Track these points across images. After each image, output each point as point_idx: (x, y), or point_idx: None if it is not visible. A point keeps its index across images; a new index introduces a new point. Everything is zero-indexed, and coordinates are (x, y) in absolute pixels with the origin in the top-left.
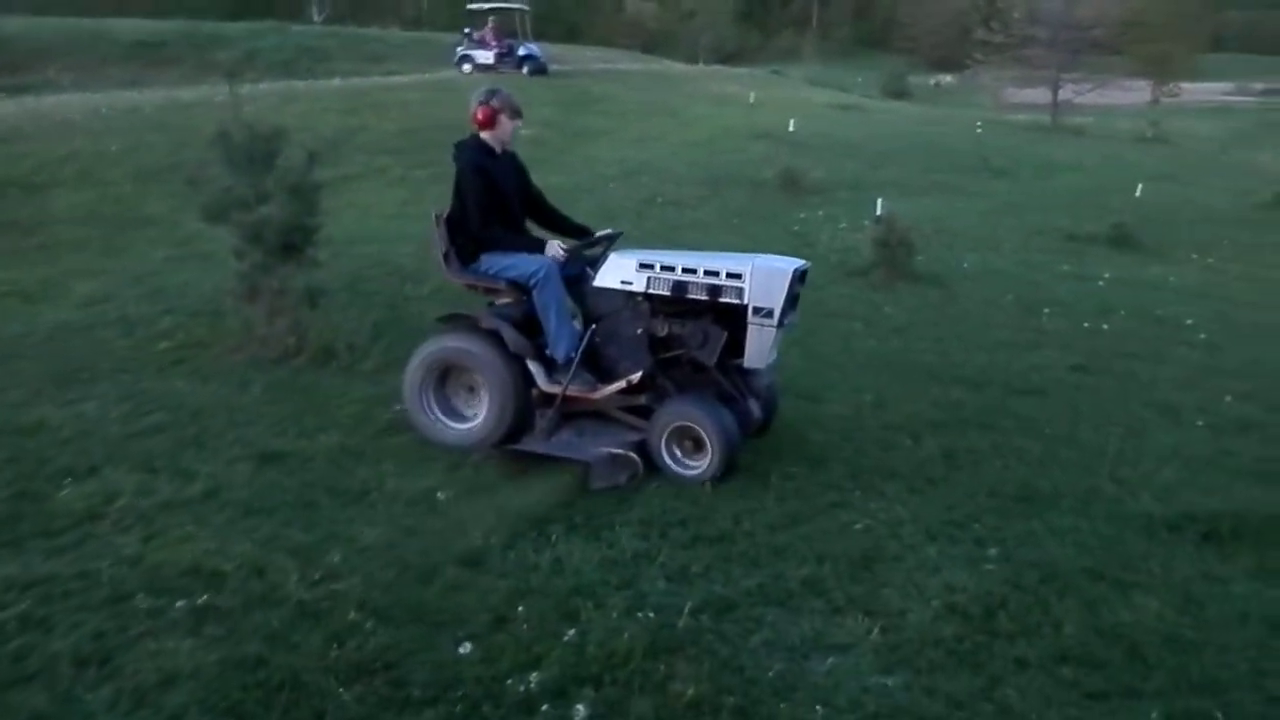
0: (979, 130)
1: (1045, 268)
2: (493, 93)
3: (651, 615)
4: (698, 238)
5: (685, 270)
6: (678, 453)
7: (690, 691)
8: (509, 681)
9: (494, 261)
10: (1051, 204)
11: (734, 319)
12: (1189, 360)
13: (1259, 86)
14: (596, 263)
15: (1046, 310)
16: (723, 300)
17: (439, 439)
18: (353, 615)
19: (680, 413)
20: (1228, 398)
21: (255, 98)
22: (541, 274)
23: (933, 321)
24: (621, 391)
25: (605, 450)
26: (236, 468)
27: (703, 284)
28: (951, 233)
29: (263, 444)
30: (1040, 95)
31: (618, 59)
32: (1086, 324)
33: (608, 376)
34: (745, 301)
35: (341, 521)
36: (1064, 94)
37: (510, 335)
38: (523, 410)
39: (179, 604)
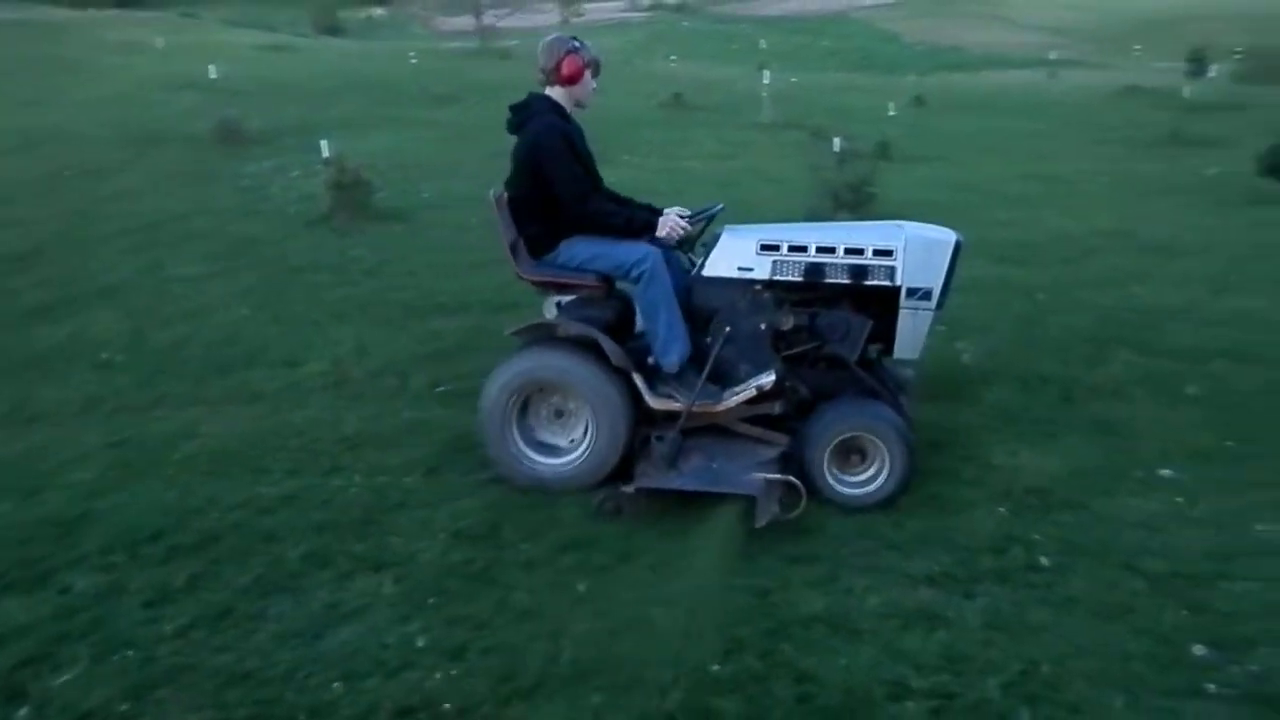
0: (414, 61)
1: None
2: (580, 43)
3: (130, 654)
4: (127, 208)
5: (820, 250)
6: (836, 470)
7: None
8: None
9: (579, 250)
10: (497, 125)
11: (878, 302)
12: None
13: (646, 2)
14: (691, 244)
15: None
16: (869, 283)
17: (532, 480)
18: None
19: (846, 421)
20: None
21: None
22: (648, 265)
23: (404, 257)
24: (749, 401)
25: (759, 477)
26: None
27: (843, 265)
28: (409, 165)
29: None
30: (468, 21)
31: None
32: None
33: (725, 383)
34: (898, 283)
35: None
36: (487, 19)
37: (610, 346)
38: (633, 435)
39: None
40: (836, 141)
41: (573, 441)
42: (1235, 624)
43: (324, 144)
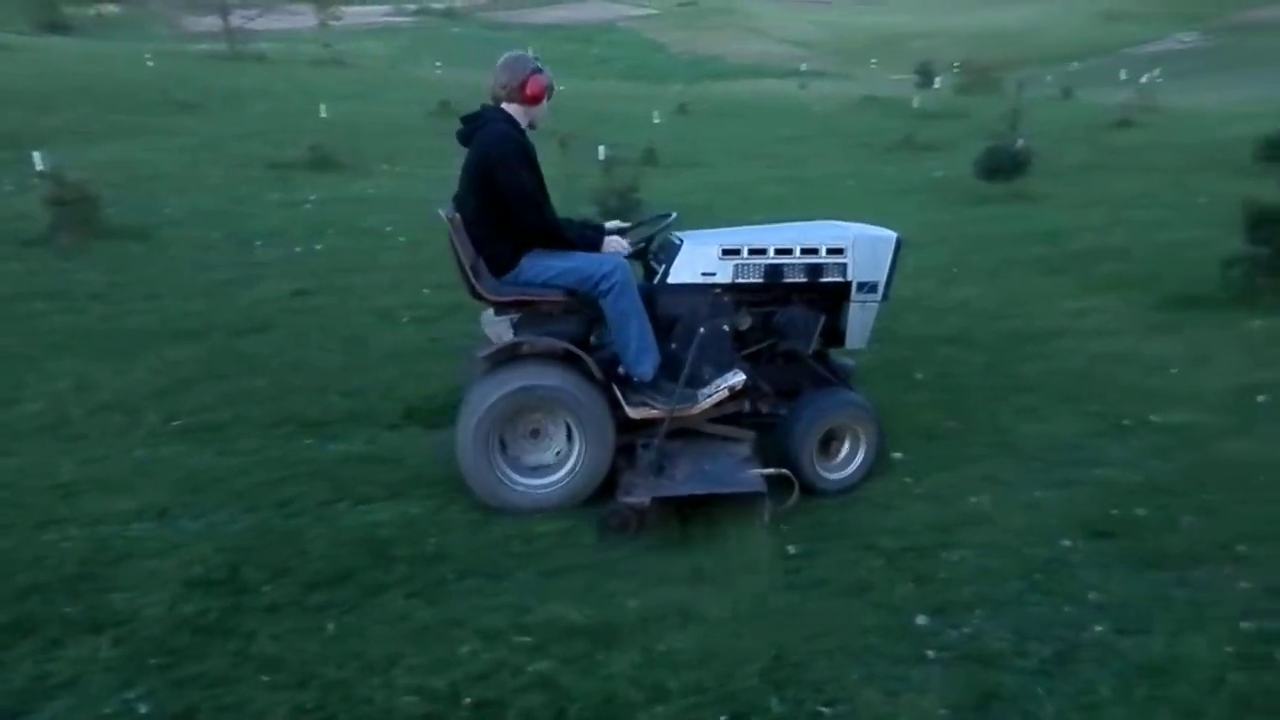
0: (150, 63)
1: (253, 199)
2: (541, 62)
3: None
4: None
5: (779, 251)
6: (820, 460)
7: None
8: None
9: (544, 266)
10: (249, 133)
11: (828, 298)
12: (394, 264)
13: (412, 7)
14: (656, 255)
15: (259, 242)
16: (824, 280)
17: (517, 504)
18: None
19: (828, 415)
20: (426, 290)
21: None
22: (617, 276)
23: (140, 279)
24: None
25: (756, 473)
26: None
27: (800, 265)
28: (147, 178)
29: None
30: (216, 22)
31: None
32: (299, 248)
33: (694, 386)
34: (849, 278)
35: None
36: (235, 20)
37: (590, 359)
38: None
39: None
40: (601, 149)
41: (560, 461)
42: (952, 590)
43: (37, 155)
